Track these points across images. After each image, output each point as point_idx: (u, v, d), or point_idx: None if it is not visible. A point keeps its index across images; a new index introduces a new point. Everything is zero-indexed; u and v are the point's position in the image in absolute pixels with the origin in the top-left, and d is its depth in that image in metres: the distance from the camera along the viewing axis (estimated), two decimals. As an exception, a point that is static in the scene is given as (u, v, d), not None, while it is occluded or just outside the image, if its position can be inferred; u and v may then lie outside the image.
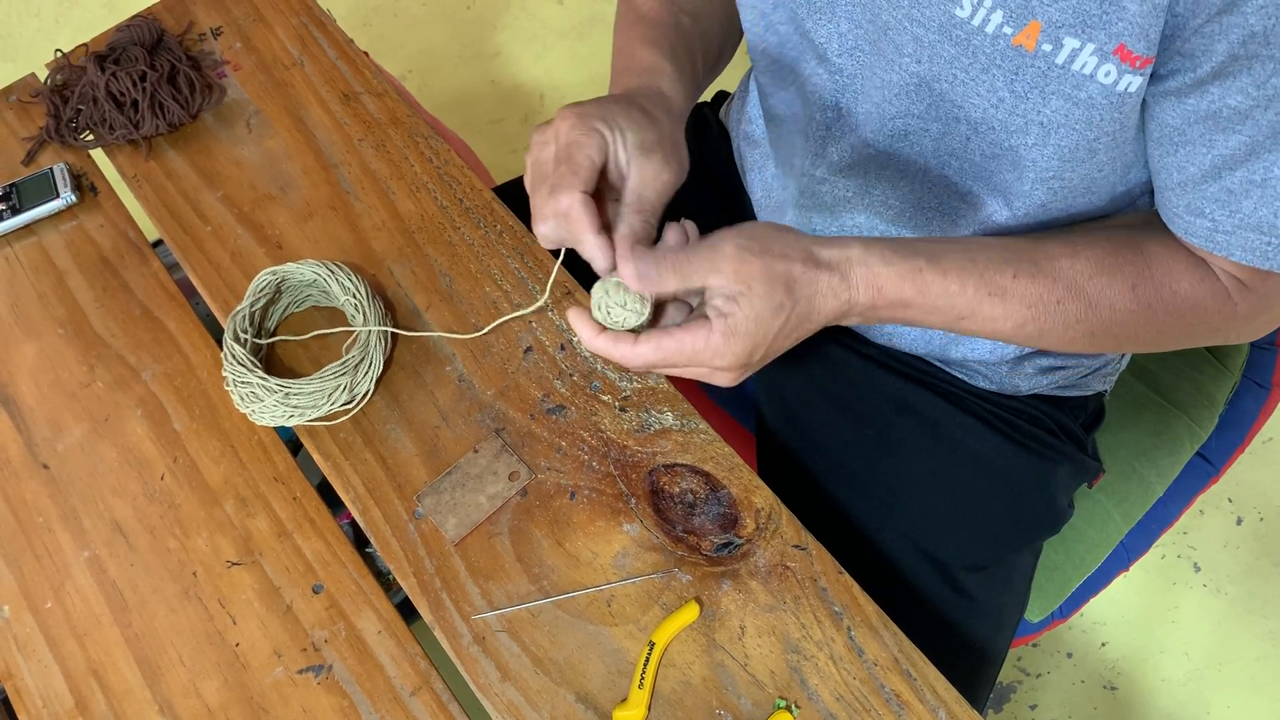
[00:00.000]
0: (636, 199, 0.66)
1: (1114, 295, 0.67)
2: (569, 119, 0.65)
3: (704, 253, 0.63)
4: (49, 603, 0.77)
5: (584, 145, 0.64)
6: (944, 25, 0.63)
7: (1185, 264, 0.67)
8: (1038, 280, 0.67)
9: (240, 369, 0.78)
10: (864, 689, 0.69)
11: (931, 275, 0.65)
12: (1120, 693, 1.48)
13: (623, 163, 0.66)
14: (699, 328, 0.63)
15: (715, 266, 0.62)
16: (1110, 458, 1.03)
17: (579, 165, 0.64)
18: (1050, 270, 0.67)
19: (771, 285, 0.62)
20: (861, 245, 0.65)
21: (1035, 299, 0.67)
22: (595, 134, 0.64)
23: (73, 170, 0.95)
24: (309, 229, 0.90)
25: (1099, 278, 0.67)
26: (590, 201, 0.64)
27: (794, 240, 0.64)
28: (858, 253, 0.65)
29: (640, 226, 0.65)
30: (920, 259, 0.66)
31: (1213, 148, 0.60)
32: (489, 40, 2.16)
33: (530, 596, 0.73)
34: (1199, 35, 0.56)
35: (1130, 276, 0.67)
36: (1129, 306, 0.67)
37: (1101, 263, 0.67)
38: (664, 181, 0.66)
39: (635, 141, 0.65)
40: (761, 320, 0.63)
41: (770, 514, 0.75)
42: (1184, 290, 0.67)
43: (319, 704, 0.72)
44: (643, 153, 0.65)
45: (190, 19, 1.04)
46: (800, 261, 0.63)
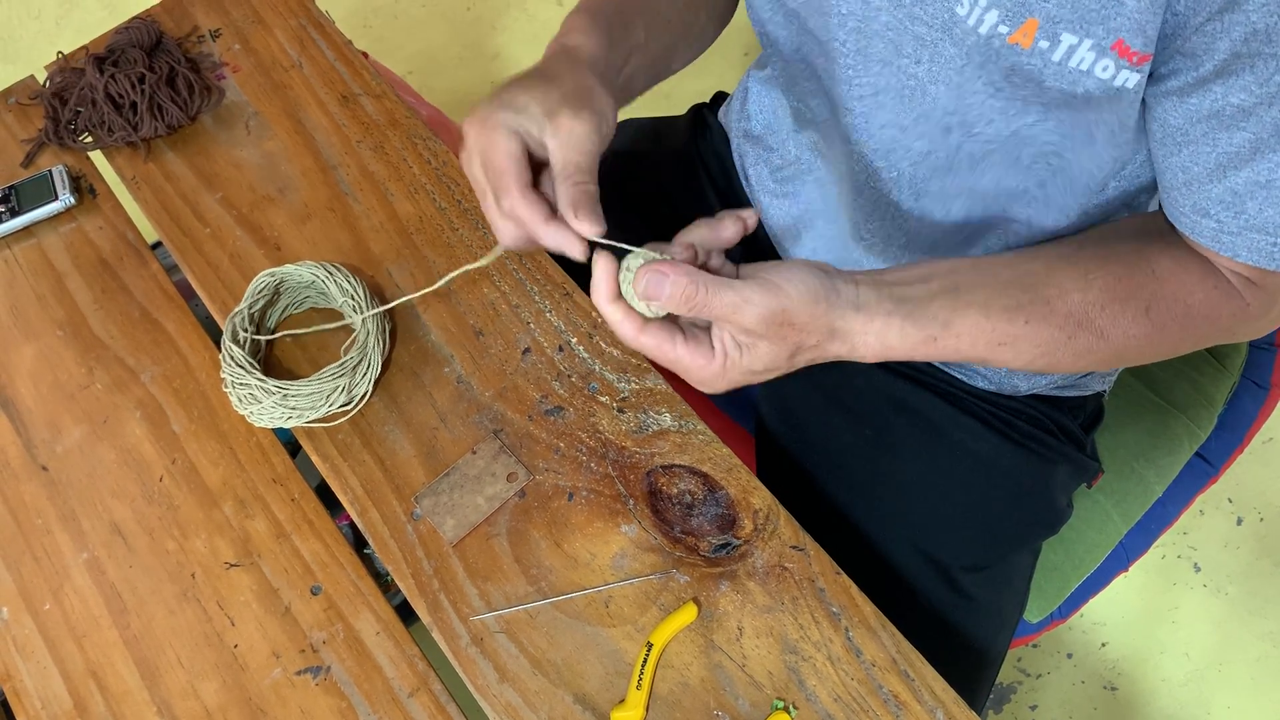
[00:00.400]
0: (562, 165, 0.62)
1: (1127, 323, 0.67)
2: (473, 128, 0.64)
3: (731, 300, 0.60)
4: (48, 604, 0.77)
5: (496, 144, 0.63)
6: (946, 24, 0.63)
7: (1197, 275, 0.67)
8: (1050, 322, 0.66)
9: (239, 370, 0.78)
10: (862, 690, 0.69)
11: (945, 341, 0.65)
12: (1120, 693, 1.48)
13: (537, 139, 0.63)
14: (702, 353, 0.62)
15: (735, 319, 0.60)
16: (1109, 458, 1.03)
17: (502, 168, 0.62)
18: (1063, 308, 0.66)
19: (778, 350, 0.62)
20: (883, 320, 0.63)
21: (1046, 340, 0.66)
22: (499, 129, 0.63)
23: (71, 172, 0.95)
24: (307, 230, 0.90)
25: (1111, 307, 0.66)
26: (532, 195, 0.62)
27: (822, 314, 0.62)
28: (877, 328, 0.63)
29: (575, 192, 0.62)
30: (935, 326, 0.64)
31: (1216, 146, 0.60)
32: (489, 42, 2.16)
33: (528, 598, 0.73)
34: (1200, 34, 0.56)
35: (1144, 300, 0.67)
36: (1142, 331, 0.67)
37: (1114, 291, 0.66)
38: (579, 135, 0.62)
39: (540, 111, 0.63)
40: (756, 371, 0.63)
41: (768, 515, 0.75)
42: (1197, 303, 0.67)
43: (317, 705, 0.72)
44: (550, 118, 0.62)
45: (189, 21, 1.04)
46: (817, 336, 0.62)
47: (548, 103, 0.63)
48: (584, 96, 0.64)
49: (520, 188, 0.62)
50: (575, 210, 0.61)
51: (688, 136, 1.05)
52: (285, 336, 0.85)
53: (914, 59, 0.66)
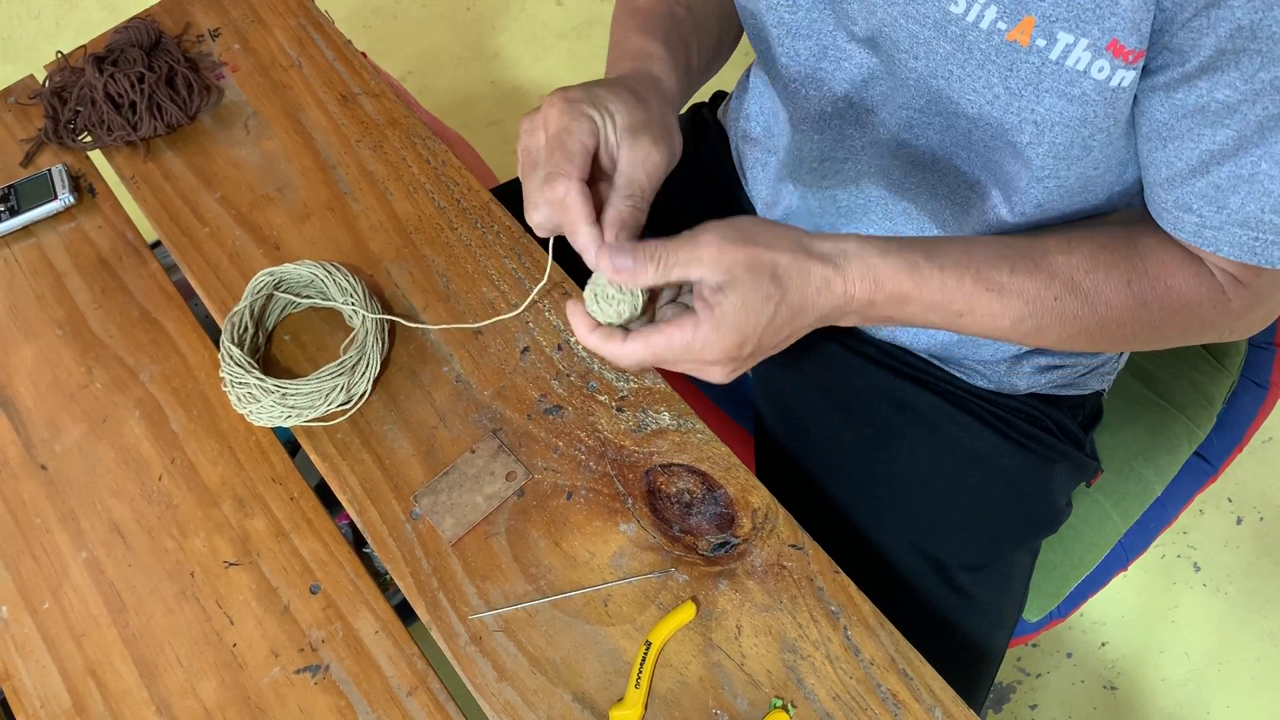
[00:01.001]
0: (627, 182, 0.64)
1: (1110, 291, 0.67)
2: (557, 105, 0.64)
3: (684, 243, 0.62)
4: (47, 603, 0.77)
5: (574, 131, 0.63)
6: (939, 22, 0.63)
7: (1179, 259, 0.67)
8: (1035, 276, 0.66)
9: (238, 370, 0.78)
10: (860, 688, 0.69)
11: (929, 270, 0.65)
12: (1120, 692, 1.48)
13: (613, 146, 0.65)
14: (686, 320, 0.62)
15: (695, 256, 0.61)
16: (1108, 457, 1.03)
17: (572, 152, 0.63)
18: (1047, 266, 0.67)
19: (757, 274, 0.61)
20: (857, 239, 0.65)
21: (1033, 295, 0.67)
22: (585, 118, 0.64)
23: (71, 171, 0.95)
24: (306, 230, 0.90)
25: (1095, 273, 0.67)
26: (586, 190, 0.63)
27: (782, 231, 0.63)
28: (853, 245, 0.64)
29: (628, 212, 0.64)
30: (917, 254, 0.65)
31: (1200, 142, 0.60)
32: (489, 42, 2.16)
33: (527, 596, 0.73)
34: (1187, 29, 0.56)
35: (1125, 272, 0.67)
36: (1124, 302, 0.67)
37: (1097, 258, 0.67)
38: (654, 163, 0.65)
39: (624, 124, 0.64)
40: (749, 309, 0.61)
41: (767, 513, 0.75)
42: (1178, 285, 0.67)
43: (316, 704, 0.72)
44: (632, 135, 0.64)
45: (188, 20, 1.04)
46: (788, 251, 0.62)
47: (634, 119, 0.65)
48: (669, 130, 0.66)
49: (581, 179, 0.63)
50: (619, 230, 0.63)
51: (687, 136, 1.05)
52: (285, 338, 0.85)
53: (911, 54, 0.66)
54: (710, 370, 0.65)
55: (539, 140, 0.66)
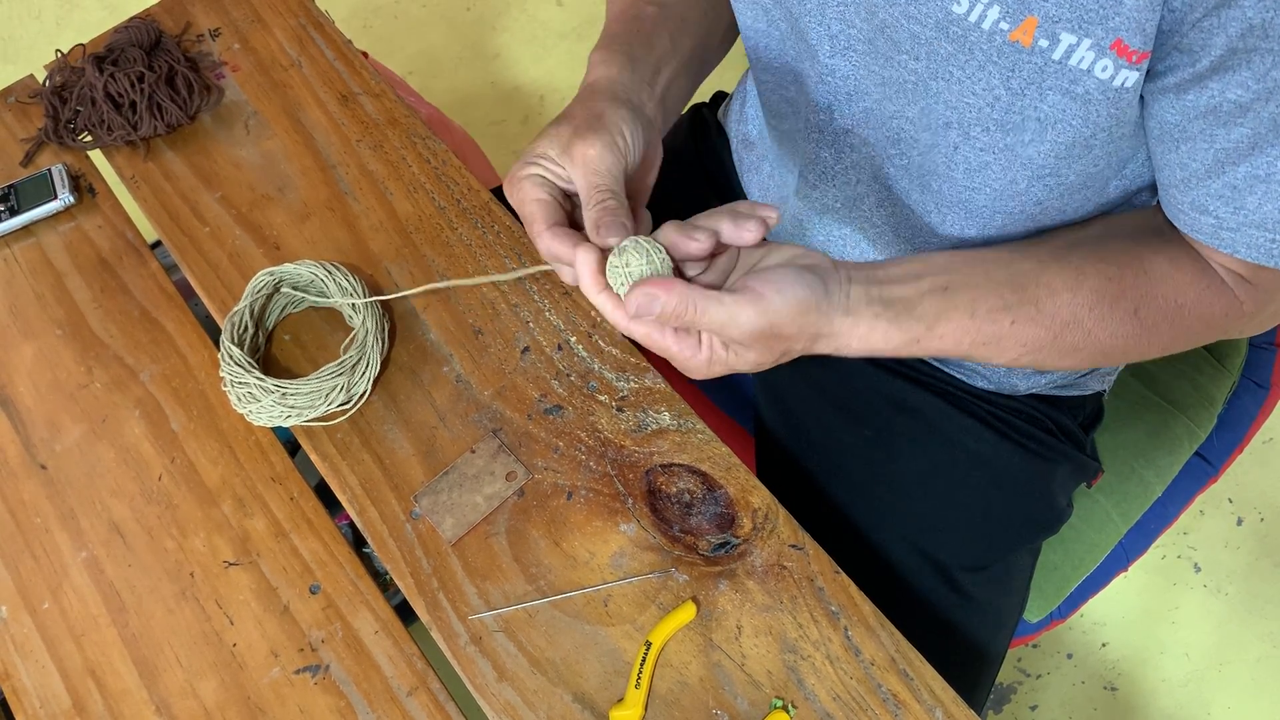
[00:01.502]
0: (584, 190, 0.66)
1: (1115, 323, 0.67)
2: (506, 187, 0.68)
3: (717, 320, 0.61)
4: (46, 603, 0.77)
5: (521, 194, 0.67)
6: (940, 22, 0.63)
7: (1189, 277, 0.67)
8: (1036, 323, 0.67)
9: (237, 369, 0.78)
10: (861, 689, 0.69)
11: (928, 341, 0.66)
12: (1120, 693, 1.47)
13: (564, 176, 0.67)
14: (688, 344, 0.64)
15: (725, 334, 0.62)
16: (1109, 458, 1.03)
17: (529, 214, 0.66)
18: (1050, 309, 0.67)
19: (765, 355, 0.64)
20: (869, 324, 0.65)
21: (1030, 340, 0.68)
22: (523, 180, 0.67)
23: (71, 171, 0.95)
24: (306, 229, 0.90)
25: (1100, 307, 0.67)
26: (556, 230, 0.65)
27: (811, 324, 0.63)
28: (862, 331, 0.65)
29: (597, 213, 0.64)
30: (920, 328, 0.66)
31: (1214, 142, 0.60)
32: (489, 42, 2.16)
33: (527, 596, 0.73)
34: (1197, 30, 0.56)
35: (1133, 301, 0.67)
36: (1130, 331, 0.68)
37: (1103, 292, 0.67)
38: (593, 157, 0.65)
39: (557, 151, 0.66)
40: (741, 369, 0.65)
41: (767, 514, 0.75)
42: (1189, 303, 0.67)
43: (316, 704, 0.72)
44: (566, 152, 0.66)
45: (188, 20, 1.04)
46: (803, 341, 0.64)
47: (561, 140, 0.66)
48: (594, 122, 0.67)
49: (546, 226, 0.65)
50: (598, 229, 0.64)
51: (687, 137, 1.05)
52: (285, 339, 0.85)
53: (912, 55, 0.66)
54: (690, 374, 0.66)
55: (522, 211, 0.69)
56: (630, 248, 0.62)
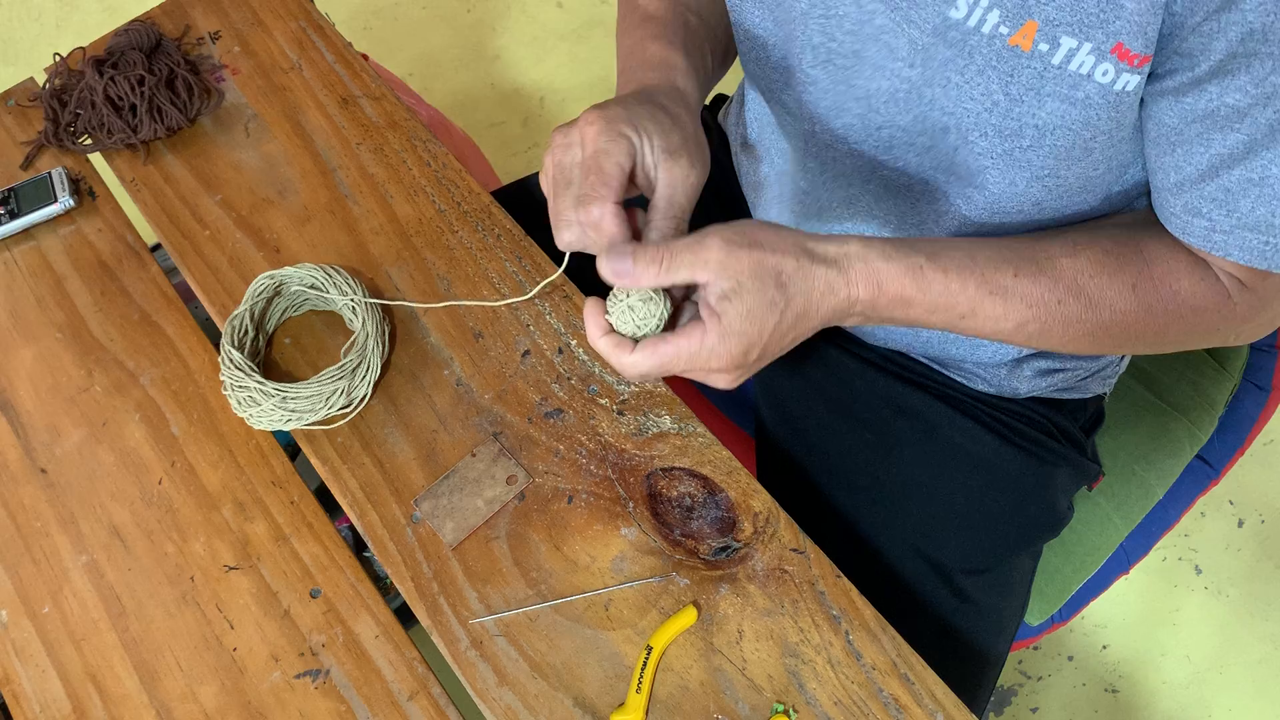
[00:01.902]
0: (666, 204, 0.64)
1: (1114, 295, 0.67)
2: (596, 124, 0.64)
3: (687, 245, 0.61)
4: (46, 607, 0.77)
5: (612, 153, 0.63)
6: (939, 27, 0.63)
7: (1185, 264, 0.67)
8: (1039, 279, 0.66)
9: (238, 373, 0.78)
10: (862, 693, 0.68)
11: (932, 272, 0.65)
12: (1121, 695, 1.47)
13: (650, 167, 0.65)
14: (694, 330, 0.62)
15: (700, 259, 0.61)
16: (1110, 460, 1.03)
17: (609, 175, 0.62)
18: (1051, 269, 0.66)
19: (763, 280, 0.61)
20: (860, 242, 0.64)
21: (1036, 298, 0.66)
22: (623, 139, 0.63)
23: (71, 174, 0.95)
24: (307, 233, 0.90)
25: (1099, 277, 0.66)
26: (622, 213, 0.63)
27: (787, 235, 0.63)
28: (856, 248, 0.64)
29: (671, 232, 0.64)
30: (920, 256, 0.65)
31: (1210, 147, 0.60)
32: (489, 43, 2.16)
33: (528, 601, 0.73)
34: (1197, 34, 0.56)
35: (1130, 276, 0.67)
36: (1129, 306, 0.67)
37: (1102, 262, 0.67)
38: (692, 183, 0.65)
39: (662, 145, 0.64)
40: (755, 317, 0.61)
41: (768, 518, 0.75)
42: (1184, 290, 0.67)
43: (316, 709, 0.72)
44: (670, 156, 0.64)
45: (188, 23, 1.04)
46: (793, 256, 0.62)
47: (671, 141, 0.64)
48: (702, 148, 0.66)
49: (616, 201, 0.63)
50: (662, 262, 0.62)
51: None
52: (285, 343, 0.85)
53: (908, 62, 0.66)
54: (715, 378, 0.64)
55: (574, 157, 0.64)
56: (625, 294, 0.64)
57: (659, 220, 0.64)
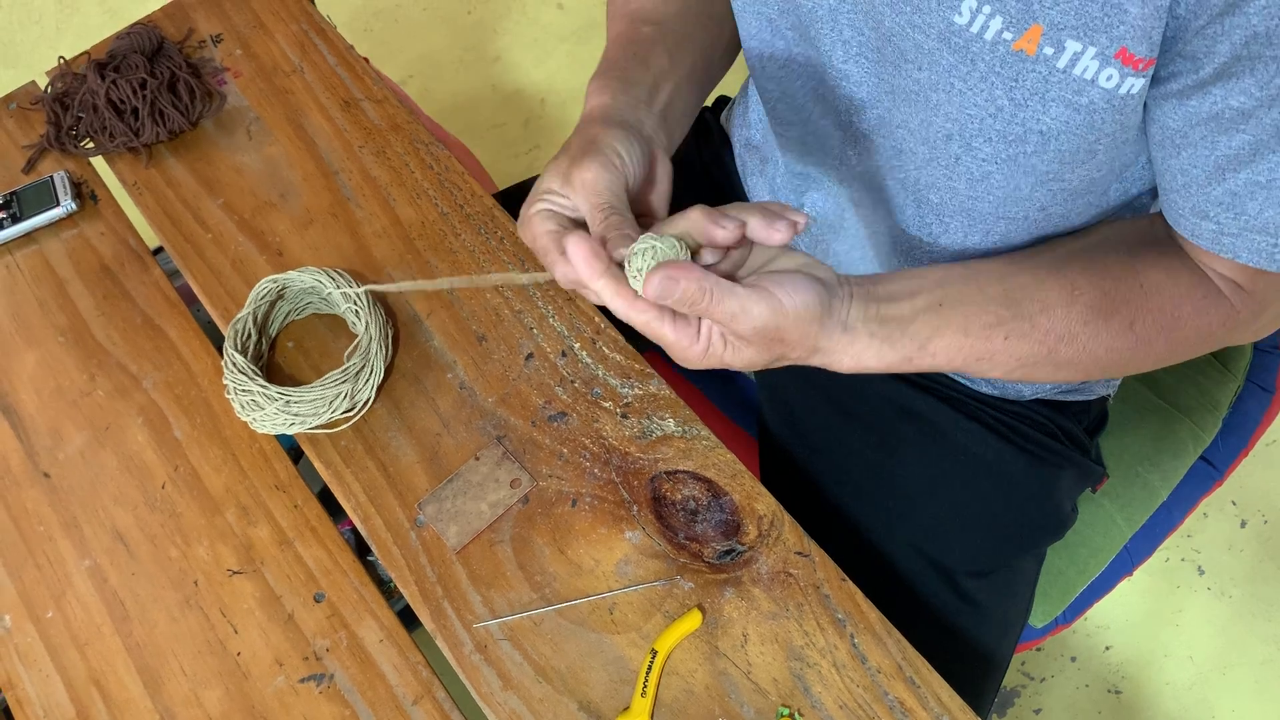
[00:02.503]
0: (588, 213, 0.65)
1: (1110, 337, 0.67)
2: (520, 226, 0.68)
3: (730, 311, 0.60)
4: (50, 612, 0.77)
5: (532, 231, 0.66)
6: (943, 33, 0.63)
7: (1185, 289, 0.67)
8: (1030, 339, 0.67)
9: (241, 377, 0.78)
10: (868, 696, 0.68)
11: (920, 360, 0.66)
12: (1125, 697, 1.47)
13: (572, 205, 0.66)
14: (686, 333, 0.62)
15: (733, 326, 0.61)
16: (1114, 462, 1.03)
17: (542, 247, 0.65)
18: (1044, 325, 0.67)
19: (762, 355, 0.63)
20: (864, 342, 0.65)
21: (1024, 355, 0.68)
22: (532, 218, 0.66)
23: (73, 178, 0.95)
24: (309, 236, 0.90)
25: (1095, 322, 0.67)
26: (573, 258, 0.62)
27: (813, 335, 0.63)
28: (856, 350, 0.65)
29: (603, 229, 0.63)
30: (913, 348, 0.66)
31: (1215, 149, 0.60)
32: (490, 45, 2.16)
33: (532, 604, 0.73)
34: (1201, 37, 0.56)
35: (1129, 315, 0.67)
36: (1126, 344, 0.68)
37: (1098, 308, 0.67)
38: (589, 179, 0.64)
39: (559, 183, 0.65)
40: (736, 363, 0.64)
41: (773, 521, 0.75)
42: (1186, 315, 0.68)
43: (321, 713, 0.72)
44: (566, 182, 0.65)
45: (190, 26, 1.04)
46: (800, 350, 0.64)
47: (560, 172, 0.66)
48: (588, 147, 0.66)
49: (560, 255, 0.64)
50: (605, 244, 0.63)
51: (690, 141, 1.05)
52: (288, 347, 0.85)
53: (916, 65, 0.66)
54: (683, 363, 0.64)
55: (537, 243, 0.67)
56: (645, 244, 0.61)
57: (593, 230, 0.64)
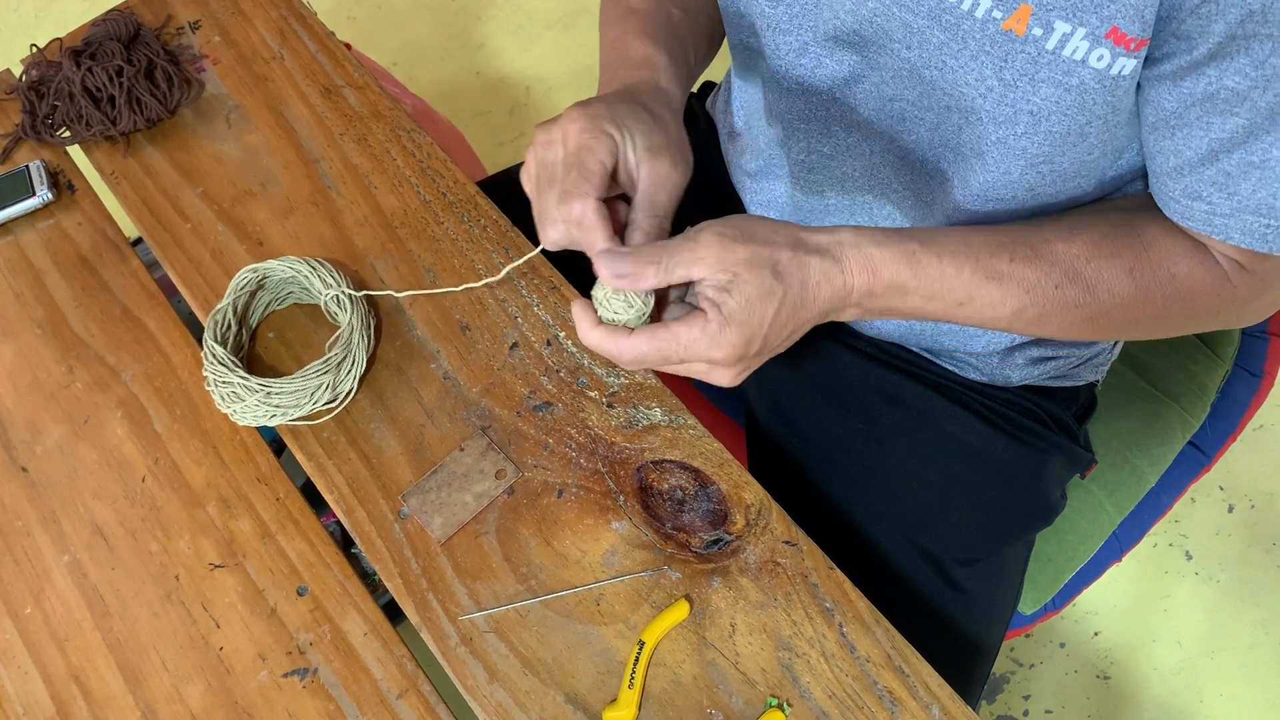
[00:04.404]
0: (648, 203, 0.65)
1: (1111, 279, 0.66)
2: (578, 120, 0.63)
3: (683, 244, 0.61)
4: (29, 608, 0.75)
5: (595, 150, 0.63)
6: (933, 10, 0.62)
7: (1183, 247, 0.67)
8: (1035, 264, 0.66)
9: (221, 368, 0.77)
10: (856, 686, 0.68)
11: (926, 257, 0.64)
12: (1113, 682, 1.48)
13: (632, 165, 0.65)
14: (694, 319, 0.61)
15: (696, 256, 0.61)
16: (1102, 448, 1.03)
17: (591, 171, 0.62)
18: (1047, 254, 0.66)
19: (759, 271, 0.61)
20: (852, 230, 0.64)
21: (1033, 283, 0.66)
22: (606, 137, 0.63)
23: (49, 168, 0.93)
24: (290, 225, 0.89)
25: (1096, 261, 0.66)
26: (604, 209, 0.63)
27: (780, 227, 0.63)
28: (849, 236, 0.64)
29: (654, 230, 0.64)
30: (914, 242, 0.65)
31: (1209, 130, 0.60)
32: (474, 32, 2.15)
33: (518, 596, 0.72)
34: (1195, 16, 0.55)
35: (1128, 260, 0.66)
36: (1127, 290, 0.67)
37: (1098, 246, 0.66)
38: (674, 183, 0.65)
39: (644, 144, 0.64)
40: (754, 306, 0.61)
41: (760, 510, 0.74)
42: (1182, 273, 0.67)
43: (304, 708, 0.71)
44: (652, 155, 0.64)
45: (168, 12, 1.02)
46: (787, 247, 0.62)
47: (654, 140, 0.65)
48: (684, 148, 0.67)
49: (599, 198, 0.63)
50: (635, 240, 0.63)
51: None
52: (269, 338, 0.84)
53: (904, 44, 0.65)
54: (718, 372, 0.64)
55: (555, 154, 0.65)
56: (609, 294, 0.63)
57: (641, 219, 0.64)
